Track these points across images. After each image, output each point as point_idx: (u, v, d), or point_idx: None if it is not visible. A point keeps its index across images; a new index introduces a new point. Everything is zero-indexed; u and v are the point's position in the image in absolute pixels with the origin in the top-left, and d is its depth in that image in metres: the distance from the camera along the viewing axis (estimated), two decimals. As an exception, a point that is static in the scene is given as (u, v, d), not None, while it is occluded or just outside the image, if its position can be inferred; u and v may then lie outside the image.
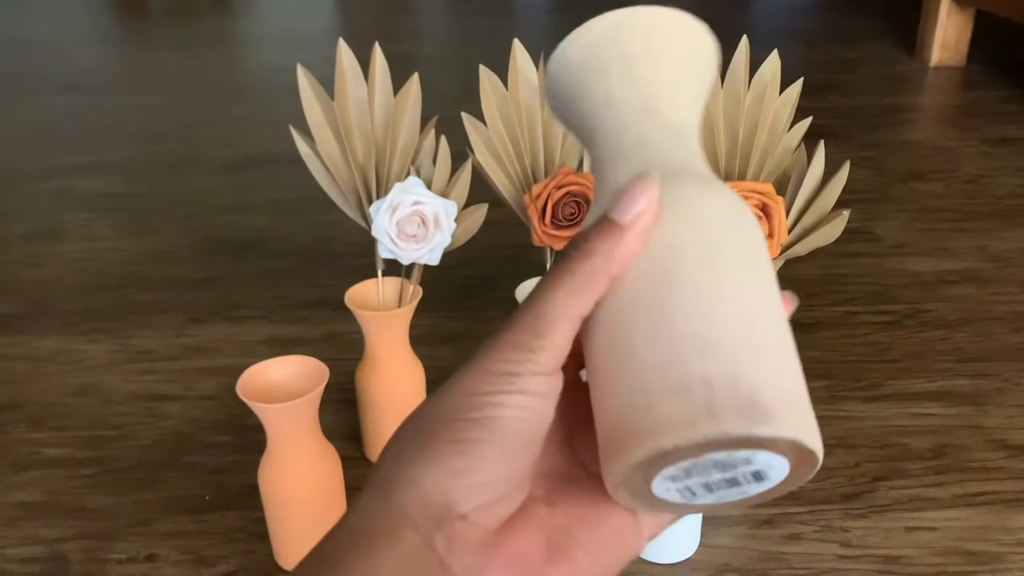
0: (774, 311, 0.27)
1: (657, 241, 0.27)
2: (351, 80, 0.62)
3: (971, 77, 1.78)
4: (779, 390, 0.24)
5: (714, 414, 0.23)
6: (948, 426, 0.75)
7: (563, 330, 0.26)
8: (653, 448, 0.24)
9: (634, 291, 0.26)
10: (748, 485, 0.26)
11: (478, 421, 0.26)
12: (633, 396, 0.25)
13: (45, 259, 1.10)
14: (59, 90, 1.87)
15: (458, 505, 0.25)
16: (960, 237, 1.10)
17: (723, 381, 0.24)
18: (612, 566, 0.28)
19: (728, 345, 0.24)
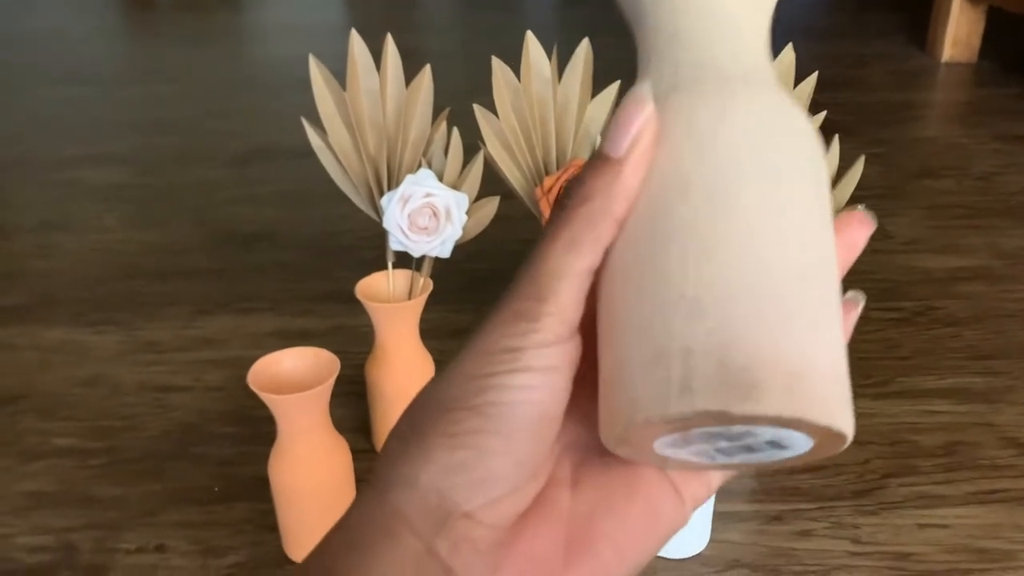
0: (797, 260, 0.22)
1: (659, 175, 0.23)
2: (363, 71, 0.62)
3: (983, 74, 1.77)
4: (781, 358, 0.20)
5: (689, 388, 0.20)
6: (959, 423, 0.75)
7: (568, 290, 0.23)
8: (627, 423, 0.21)
9: (627, 238, 0.23)
10: (768, 451, 0.23)
11: (477, 408, 0.23)
12: (615, 363, 0.22)
13: (53, 250, 1.10)
14: (68, 82, 1.87)
15: (459, 504, 0.23)
16: (971, 234, 1.09)
17: (706, 350, 0.20)
18: (643, 553, 0.25)
19: (720, 308, 0.21)
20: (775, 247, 0.22)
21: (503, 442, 0.23)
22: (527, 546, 0.24)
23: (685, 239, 0.22)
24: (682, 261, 0.21)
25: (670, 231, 0.22)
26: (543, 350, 0.23)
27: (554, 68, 0.63)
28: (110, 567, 0.62)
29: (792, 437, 0.21)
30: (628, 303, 0.22)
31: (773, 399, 0.20)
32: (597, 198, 0.23)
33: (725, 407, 0.20)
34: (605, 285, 0.23)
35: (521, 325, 0.23)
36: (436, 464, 0.23)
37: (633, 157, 0.23)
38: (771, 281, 0.21)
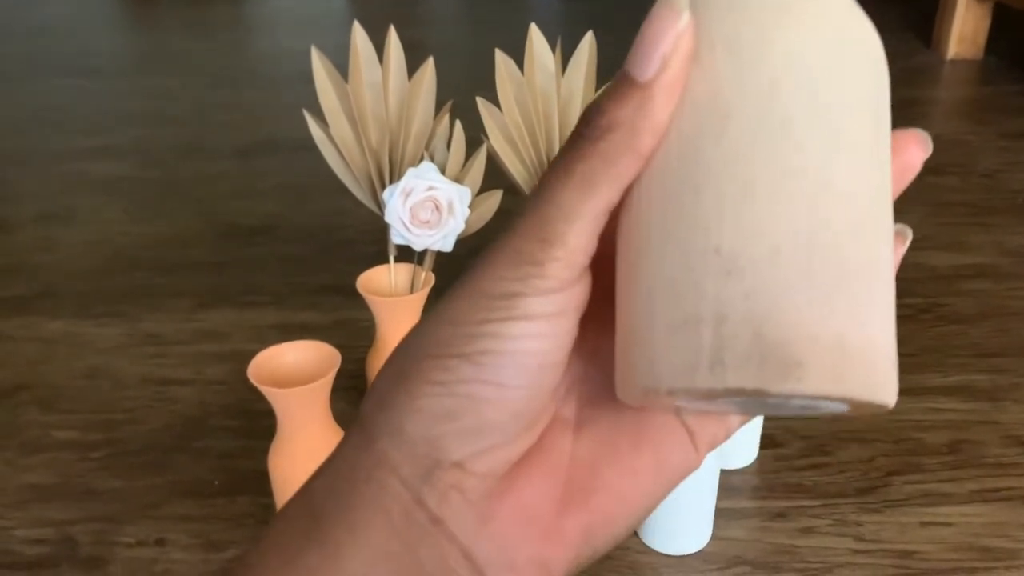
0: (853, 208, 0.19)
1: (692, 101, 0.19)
2: (366, 63, 0.61)
3: (989, 71, 1.76)
4: (827, 329, 0.18)
5: (722, 362, 0.18)
6: (964, 421, 0.74)
7: (579, 233, 0.20)
8: (648, 388, 0.20)
9: (659, 173, 0.20)
10: (799, 411, 0.21)
11: (469, 357, 0.21)
12: (638, 317, 0.20)
13: (56, 242, 1.10)
14: (71, 73, 1.87)
15: (449, 452, 0.21)
16: (977, 232, 1.09)
17: (742, 318, 0.18)
18: (648, 501, 0.24)
19: (761, 267, 0.18)
20: (828, 196, 0.18)
21: (497, 392, 0.21)
22: (520, 496, 0.22)
23: (721, 182, 0.19)
24: (717, 209, 0.19)
25: (704, 171, 0.19)
26: (546, 297, 0.21)
27: (558, 61, 0.62)
28: (110, 560, 0.61)
29: (831, 405, 0.19)
30: (652, 253, 0.20)
31: (816, 378, 0.18)
32: (619, 130, 0.20)
33: (761, 385, 0.18)
34: (627, 226, 0.21)
35: (523, 269, 0.20)
36: (424, 413, 0.21)
37: (664, 81, 0.19)
38: (821, 238, 0.18)
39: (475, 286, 0.21)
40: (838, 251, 0.18)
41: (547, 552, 0.23)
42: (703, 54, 0.19)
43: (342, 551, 0.22)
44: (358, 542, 0.22)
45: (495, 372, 0.21)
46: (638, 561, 0.61)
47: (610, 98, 0.20)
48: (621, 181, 0.20)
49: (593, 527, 0.23)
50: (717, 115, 0.19)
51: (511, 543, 0.22)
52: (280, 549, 0.23)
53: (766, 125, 0.19)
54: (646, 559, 0.61)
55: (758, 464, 0.70)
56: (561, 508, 0.23)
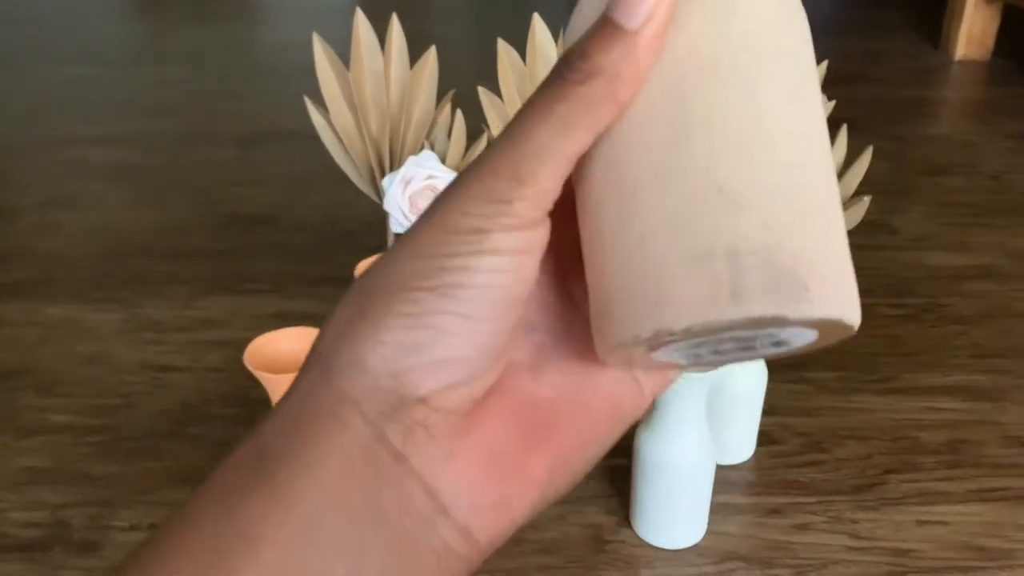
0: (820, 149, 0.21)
1: (676, 50, 0.20)
2: (367, 51, 0.61)
3: (996, 72, 1.75)
4: (820, 256, 0.20)
5: (740, 293, 0.19)
6: (963, 421, 0.74)
7: (550, 174, 0.21)
8: (661, 328, 0.20)
9: (643, 122, 0.20)
10: (764, 350, 0.22)
11: (437, 290, 0.21)
12: (637, 261, 0.20)
13: (57, 228, 1.10)
14: (74, 61, 1.87)
15: (415, 388, 0.21)
16: (981, 232, 1.08)
17: (753, 249, 0.19)
18: (605, 438, 0.24)
19: (764, 201, 0.19)
20: (806, 135, 0.20)
21: (464, 325, 0.21)
22: (484, 433, 0.22)
23: (714, 125, 0.20)
24: (713, 150, 0.20)
25: (695, 115, 0.20)
26: (513, 233, 0.21)
27: (559, 51, 0.62)
28: (103, 544, 0.61)
29: (802, 336, 0.21)
30: (646, 196, 0.20)
31: (822, 301, 0.19)
32: (602, 76, 0.20)
33: (780, 311, 0.19)
34: (604, 175, 0.21)
35: (492, 206, 0.21)
36: (389, 346, 0.21)
37: (650, 31, 0.20)
38: (806, 173, 0.20)
39: (442, 221, 0.21)
40: (817, 185, 0.20)
41: (511, 491, 0.22)
42: (679, 14, 0.20)
43: (294, 494, 0.20)
44: (312, 483, 0.21)
45: (463, 305, 0.21)
46: (633, 554, 0.61)
47: (595, 43, 0.20)
48: (598, 127, 0.21)
49: (555, 466, 0.23)
50: (701, 64, 0.20)
51: (476, 482, 0.22)
52: (223, 495, 0.21)
53: (747, 74, 0.20)
54: (640, 552, 0.61)
55: (755, 460, 0.69)
56: (524, 447, 0.23)
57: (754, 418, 0.69)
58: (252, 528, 0.20)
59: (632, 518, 0.62)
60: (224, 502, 0.21)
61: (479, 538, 0.22)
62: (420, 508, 0.21)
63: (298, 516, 0.20)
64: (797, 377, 0.80)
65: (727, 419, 0.66)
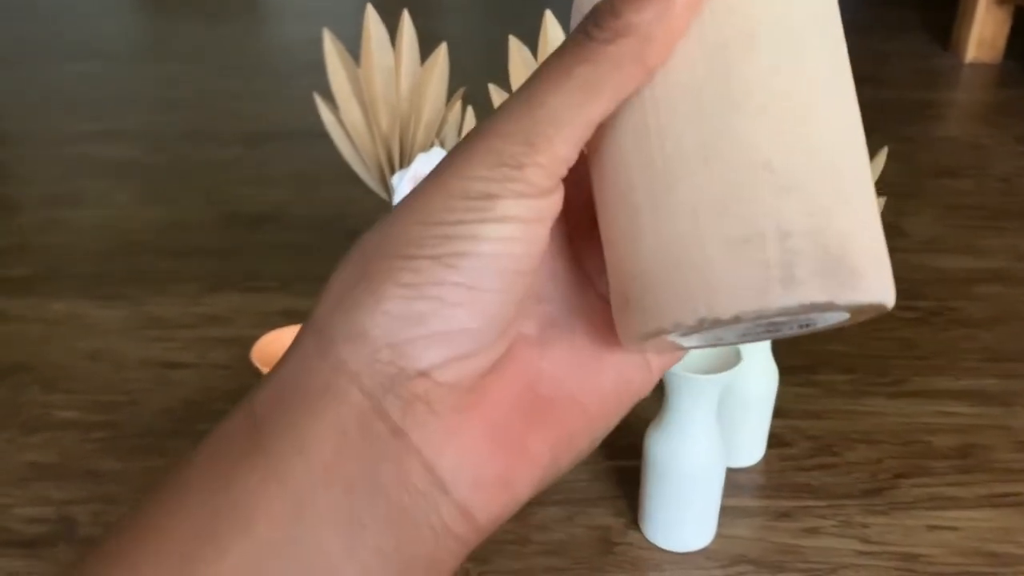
0: (858, 129, 0.20)
1: (715, 17, 0.19)
2: (378, 47, 0.61)
3: (1007, 74, 1.74)
4: (866, 241, 0.19)
5: (793, 279, 0.18)
6: (973, 425, 0.74)
7: (567, 140, 0.19)
8: (707, 316, 0.19)
9: (683, 90, 0.19)
10: (790, 330, 0.21)
11: (441, 259, 0.20)
12: (675, 241, 0.19)
13: (62, 224, 1.10)
14: (80, 57, 1.87)
15: (417, 361, 0.20)
16: (991, 235, 1.07)
17: (806, 232, 0.18)
18: (611, 417, 0.24)
19: (814, 183, 0.18)
20: (848, 116, 0.20)
21: (470, 295, 0.20)
22: (487, 409, 0.21)
23: (763, 96, 0.19)
24: (764, 124, 0.18)
25: (742, 85, 0.18)
26: (522, 201, 0.20)
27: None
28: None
29: (836, 317, 0.20)
30: (683, 173, 0.19)
31: (869, 287, 0.19)
32: (633, 36, 0.18)
33: (832, 298, 0.18)
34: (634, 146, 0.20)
35: (502, 170, 0.19)
36: (390, 316, 0.20)
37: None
38: (850, 153, 0.19)
39: (449, 184, 0.20)
40: (859, 166, 0.19)
41: (513, 469, 0.22)
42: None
43: (287, 468, 0.20)
44: (307, 457, 0.20)
45: (469, 275, 0.20)
46: (640, 557, 0.60)
47: (627, 1, 0.19)
48: (622, 92, 0.19)
49: (559, 445, 0.22)
50: (742, 36, 0.19)
51: (478, 459, 0.21)
52: (216, 464, 0.21)
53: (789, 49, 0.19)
54: (648, 555, 0.60)
55: (764, 463, 0.69)
56: (528, 425, 0.22)
57: (764, 421, 0.68)
58: (246, 499, 0.20)
59: (640, 520, 0.61)
60: (217, 470, 0.20)
61: (478, 517, 0.21)
62: (418, 484, 0.20)
63: (292, 490, 0.20)
64: (807, 380, 0.79)
65: (737, 421, 0.66)
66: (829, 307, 0.19)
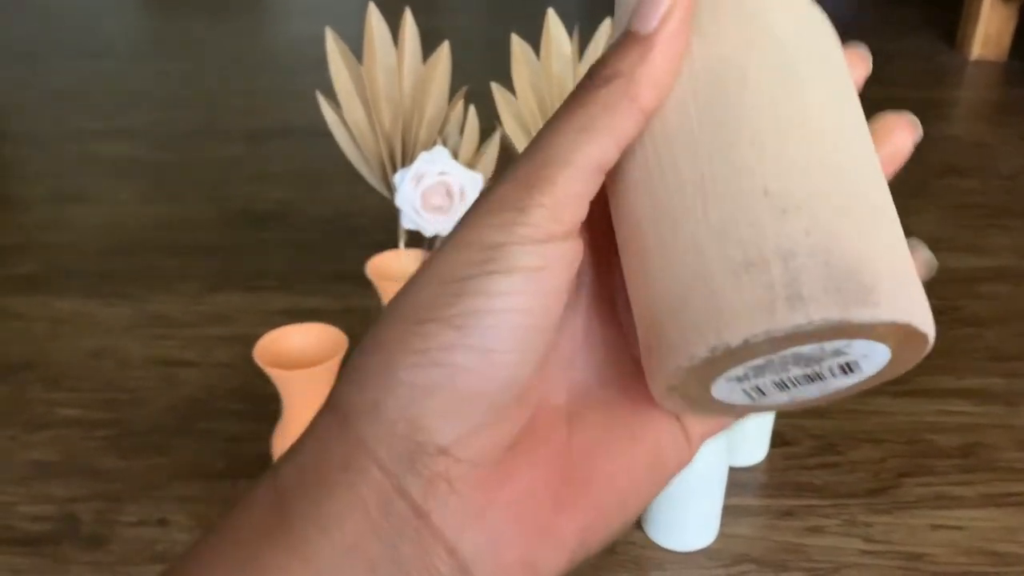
0: (866, 152, 0.20)
1: (706, 59, 0.20)
2: (380, 45, 0.61)
3: (1013, 73, 1.74)
4: (880, 258, 0.18)
5: (800, 297, 0.18)
6: (978, 424, 0.73)
7: (568, 180, 0.19)
8: (716, 344, 0.18)
9: (675, 130, 0.20)
10: (834, 379, 0.20)
11: (450, 320, 0.19)
12: (684, 276, 0.19)
13: (67, 222, 1.10)
14: (86, 55, 1.87)
15: (434, 435, 0.19)
16: (997, 234, 1.07)
17: (809, 251, 0.18)
18: (643, 497, 0.22)
19: (813, 203, 0.18)
20: (850, 138, 0.20)
21: (481, 358, 0.19)
22: (512, 488, 0.20)
23: (758, 125, 0.19)
24: (759, 152, 0.19)
25: (735, 120, 0.19)
26: (530, 247, 0.19)
27: (575, 46, 0.61)
28: (111, 538, 0.61)
29: (873, 355, 0.19)
30: (686, 205, 0.19)
31: (888, 304, 0.18)
32: (619, 79, 0.19)
33: (844, 315, 0.17)
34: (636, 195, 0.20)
35: (505, 215, 0.19)
36: (403, 386, 0.19)
37: (664, 34, 0.19)
38: (855, 173, 0.19)
39: (459, 237, 0.20)
40: (868, 185, 0.19)
41: (539, 553, 0.21)
42: (703, 22, 0.20)
43: (310, 547, 0.20)
44: (330, 536, 0.20)
45: (480, 335, 0.19)
46: (642, 556, 0.60)
47: (613, 51, 0.20)
48: (617, 134, 0.20)
49: (589, 526, 0.21)
50: (733, 72, 0.20)
51: (502, 541, 0.20)
52: (240, 543, 0.20)
53: (781, 79, 0.20)
54: (650, 554, 0.60)
55: (768, 462, 0.69)
56: (557, 504, 0.21)
57: (767, 419, 0.68)
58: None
59: (643, 520, 0.61)
60: (241, 544, 0.20)
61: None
62: (440, 567, 0.20)
63: (315, 570, 0.19)
64: (810, 378, 0.79)
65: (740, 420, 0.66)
66: (846, 329, 0.18)
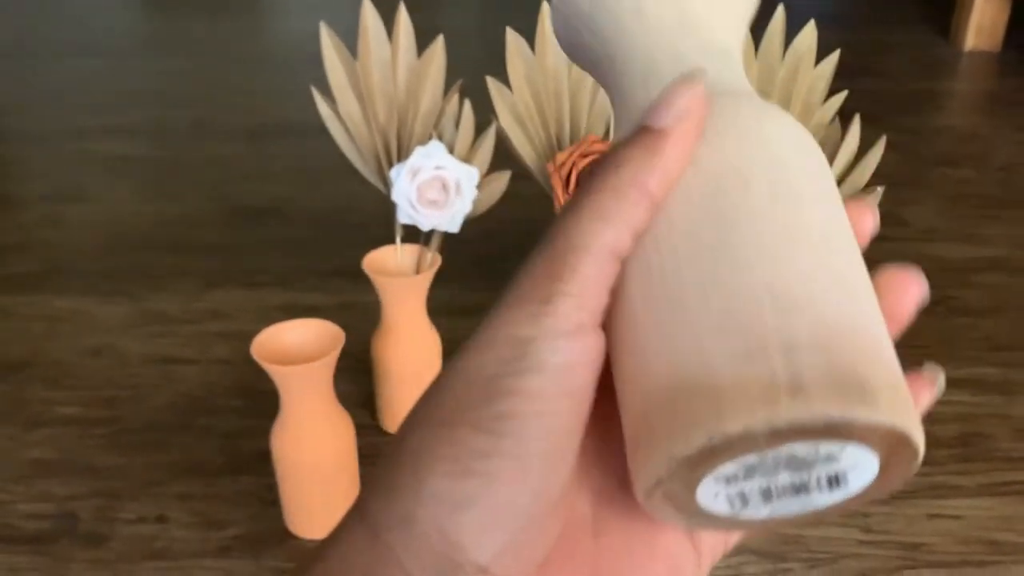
0: (857, 259, 0.21)
1: (710, 165, 0.21)
2: (375, 40, 0.61)
3: (1007, 63, 1.74)
4: (880, 363, 0.18)
5: (802, 388, 0.17)
6: (974, 414, 0.74)
7: (589, 267, 0.19)
8: (715, 433, 0.18)
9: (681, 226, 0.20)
10: (818, 493, 0.20)
11: (482, 424, 0.18)
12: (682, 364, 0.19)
13: (64, 220, 1.10)
14: (83, 53, 1.87)
15: (471, 552, 0.18)
16: (991, 225, 1.07)
17: (812, 346, 0.18)
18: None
19: (813, 301, 0.19)
20: (844, 240, 0.21)
21: (516, 466, 0.18)
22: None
23: (760, 228, 0.20)
24: (760, 251, 0.19)
25: (738, 220, 0.20)
26: (559, 342, 0.19)
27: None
28: (110, 536, 0.61)
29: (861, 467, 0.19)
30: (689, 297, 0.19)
31: (888, 409, 0.18)
32: (630, 167, 0.20)
33: (846, 412, 0.17)
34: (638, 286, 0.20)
35: (531, 307, 0.19)
36: (436, 497, 0.18)
37: (678, 131, 0.20)
38: (853, 279, 0.20)
39: (484, 336, 0.19)
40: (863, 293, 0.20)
41: None
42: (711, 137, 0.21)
43: None
44: None
45: (514, 442, 0.18)
46: (641, 548, 0.60)
47: (627, 142, 0.20)
48: (630, 220, 0.20)
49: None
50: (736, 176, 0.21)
51: None
52: None
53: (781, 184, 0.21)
54: (649, 546, 0.61)
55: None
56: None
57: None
58: None
59: (641, 511, 0.61)
60: None
61: None
62: None
63: None
64: (807, 370, 0.79)
65: (737, 412, 0.66)
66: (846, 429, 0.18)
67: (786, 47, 0.60)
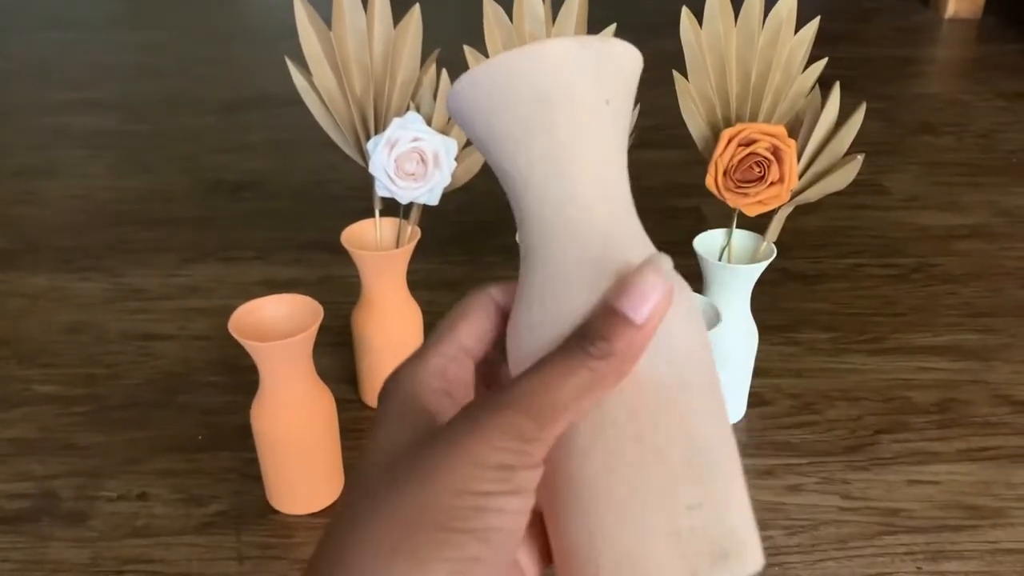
0: (734, 445, 0.26)
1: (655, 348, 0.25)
2: (349, 9, 0.60)
3: (987, 30, 1.74)
4: (751, 526, 0.25)
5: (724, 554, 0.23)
6: (953, 381, 0.74)
7: (564, 423, 0.23)
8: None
9: (624, 404, 0.24)
10: None
11: (478, 534, 0.21)
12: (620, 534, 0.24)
13: (38, 196, 1.08)
14: (56, 25, 1.83)
15: None
16: (971, 192, 1.08)
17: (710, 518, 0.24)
18: None
19: (717, 474, 0.24)
20: (728, 430, 0.26)
21: (493, 569, 0.22)
22: None
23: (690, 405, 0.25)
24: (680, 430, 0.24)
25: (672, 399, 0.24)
26: (531, 472, 0.22)
27: (547, 8, 0.61)
28: (91, 514, 0.61)
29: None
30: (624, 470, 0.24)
31: (758, 552, 0.25)
32: (616, 356, 0.23)
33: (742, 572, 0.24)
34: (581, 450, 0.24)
35: (516, 443, 0.22)
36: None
37: (649, 327, 0.23)
38: (735, 462, 0.25)
39: (470, 453, 0.22)
40: (738, 473, 0.25)
41: None
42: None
43: None
44: None
45: (497, 548, 0.22)
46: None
47: (611, 329, 0.23)
48: (602, 394, 0.24)
49: None
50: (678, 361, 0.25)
51: None
52: None
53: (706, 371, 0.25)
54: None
55: (745, 422, 0.69)
56: None
57: (744, 380, 0.68)
58: None
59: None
60: None
61: None
62: None
63: None
64: (787, 339, 0.79)
65: (718, 381, 0.66)
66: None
67: (766, 14, 0.59)
